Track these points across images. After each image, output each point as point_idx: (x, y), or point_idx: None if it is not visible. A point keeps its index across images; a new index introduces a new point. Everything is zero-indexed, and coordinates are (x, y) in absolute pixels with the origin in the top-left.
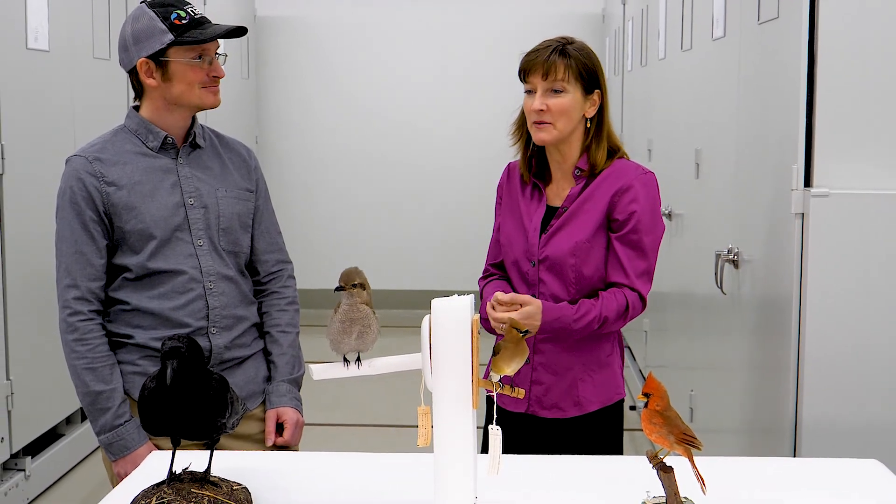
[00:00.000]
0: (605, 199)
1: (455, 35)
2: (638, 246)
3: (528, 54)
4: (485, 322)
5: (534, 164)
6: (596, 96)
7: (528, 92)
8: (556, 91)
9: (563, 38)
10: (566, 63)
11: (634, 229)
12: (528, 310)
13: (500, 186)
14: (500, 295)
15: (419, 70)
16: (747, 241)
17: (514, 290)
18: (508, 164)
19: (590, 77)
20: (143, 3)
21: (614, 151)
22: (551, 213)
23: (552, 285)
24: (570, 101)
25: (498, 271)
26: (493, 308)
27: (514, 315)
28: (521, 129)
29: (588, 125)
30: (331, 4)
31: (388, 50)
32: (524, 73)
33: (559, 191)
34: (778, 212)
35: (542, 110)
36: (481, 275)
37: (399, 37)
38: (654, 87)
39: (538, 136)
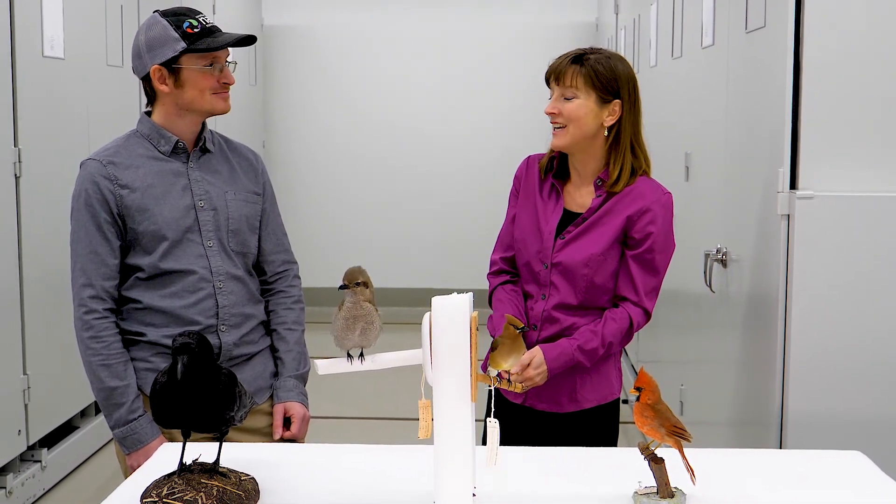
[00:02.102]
0: (623, 215)
1: (454, 43)
2: (651, 264)
3: (554, 60)
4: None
5: (555, 165)
6: (615, 106)
7: (551, 97)
8: (567, 98)
9: (592, 48)
10: (579, 71)
11: (649, 249)
12: (536, 361)
13: (517, 178)
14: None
15: (420, 76)
16: (735, 241)
17: (525, 293)
18: (528, 157)
19: (606, 86)
20: (157, 13)
21: (637, 168)
22: (567, 217)
23: (562, 289)
24: (579, 107)
25: (508, 267)
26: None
27: (526, 374)
28: None
29: (606, 134)
30: (335, 14)
31: (390, 57)
32: (546, 79)
33: (577, 196)
34: (765, 213)
35: (553, 113)
36: (490, 269)
37: (401, 45)
38: (646, 94)
39: (553, 140)
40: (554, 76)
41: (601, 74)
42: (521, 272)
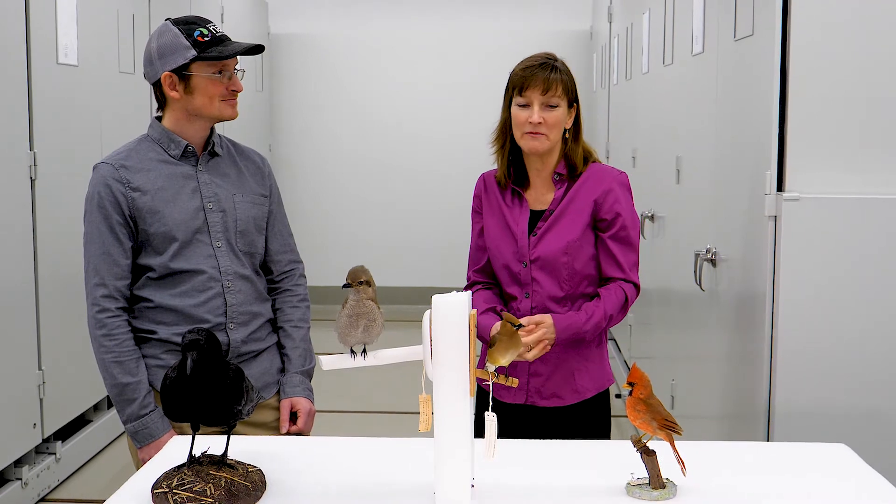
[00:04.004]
0: (588, 200)
1: (453, 50)
2: (627, 241)
3: (525, 69)
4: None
5: (512, 172)
6: (574, 109)
7: (522, 105)
8: (550, 106)
9: (549, 54)
10: (562, 80)
11: (623, 227)
12: (546, 325)
13: (476, 196)
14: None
15: (420, 82)
16: (724, 241)
17: (503, 295)
18: (483, 175)
19: (573, 92)
20: (169, 20)
21: (587, 156)
22: (534, 216)
23: (545, 283)
24: (561, 115)
25: (482, 278)
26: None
27: (537, 336)
28: (503, 136)
29: (567, 135)
30: (338, 22)
31: (391, 64)
32: (521, 87)
33: (539, 195)
34: (752, 214)
35: (540, 122)
36: (465, 284)
37: (401, 52)
38: (639, 100)
39: (532, 146)
40: (542, 88)
41: (571, 81)
42: (500, 276)
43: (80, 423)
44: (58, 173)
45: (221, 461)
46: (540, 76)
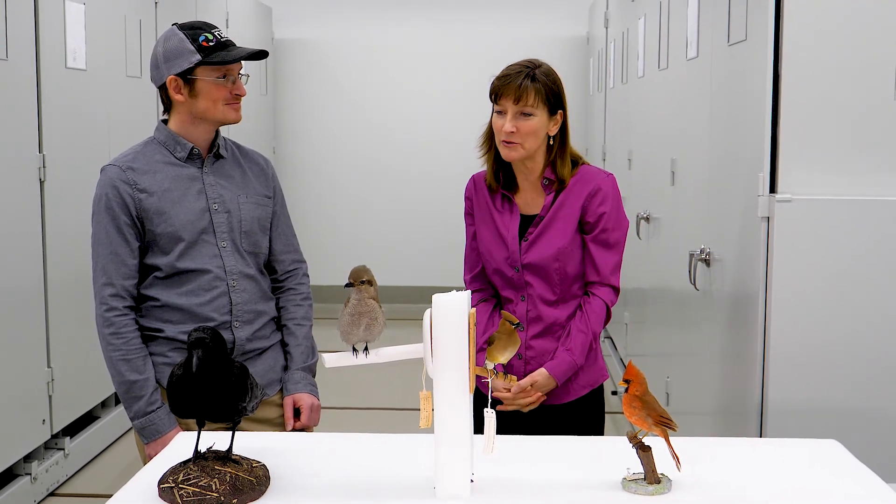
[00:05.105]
0: (577, 204)
1: (453, 55)
2: (607, 243)
3: (501, 78)
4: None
5: (501, 176)
6: (559, 116)
7: (499, 112)
8: (525, 114)
9: (531, 61)
10: (536, 88)
11: (604, 229)
12: (540, 383)
13: (467, 198)
14: (506, 395)
15: (420, 86)
16: (718, 242)
17: (499, 301)
18: (473, 176)
19: (555, 100)
20: (175, 25)
21: (576, 161)
22: (525, 221)
23: (538, 287)
24: (538, 124)
25: (479, 285)
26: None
27: (533, 399)
28: (489, 142)
29: (551, 142)
30: (341, 28)
31: (392, 68)
32: (496, 95)
33: (528, 199)
34: (746, 215)
35: (512, 132)
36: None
37: (402, 57)
38: (634, 103)
39: (507, 154)
40: (514, 97)
41: (551, 89)
42: (494, 281)
43: (88, 419)
44: (66, 175)
45: (226, 456)
46: (513, 84)
